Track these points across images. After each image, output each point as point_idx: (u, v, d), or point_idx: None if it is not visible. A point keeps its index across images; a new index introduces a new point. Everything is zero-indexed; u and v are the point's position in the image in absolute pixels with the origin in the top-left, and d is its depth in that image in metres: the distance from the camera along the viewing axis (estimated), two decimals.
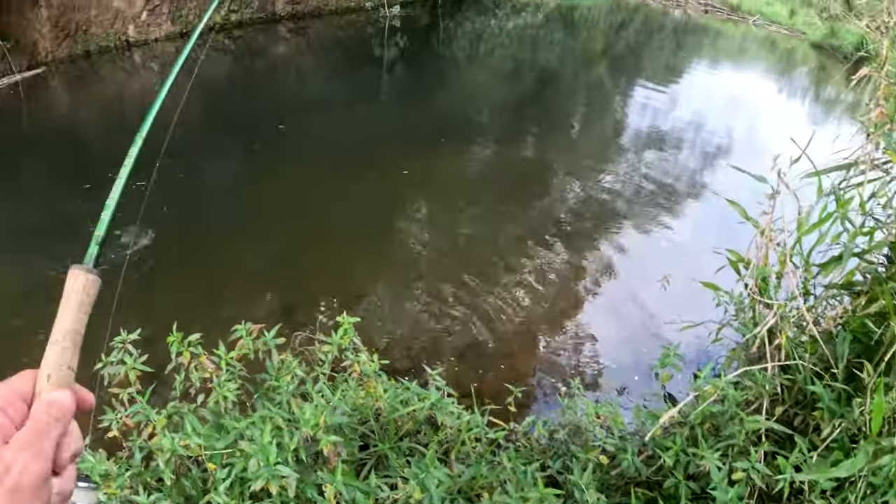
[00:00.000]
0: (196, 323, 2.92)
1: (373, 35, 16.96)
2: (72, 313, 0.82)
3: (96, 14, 18.87)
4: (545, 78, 12.68)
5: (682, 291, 4.65)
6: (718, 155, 8.13)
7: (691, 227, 6.34)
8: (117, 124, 12.28)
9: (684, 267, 5.22)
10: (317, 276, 5.60)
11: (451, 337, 4.65)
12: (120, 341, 2.65)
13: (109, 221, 1.05)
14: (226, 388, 2.50)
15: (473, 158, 8.01)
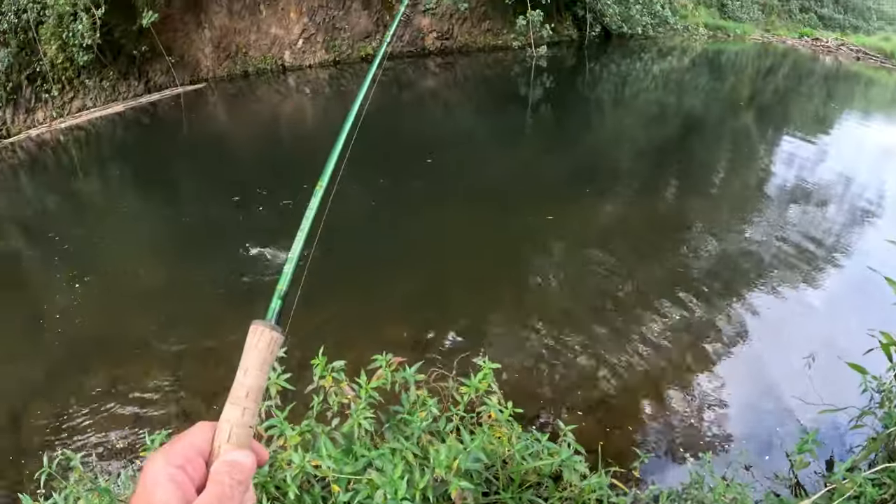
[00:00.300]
0: (332, 344, 2.91)
1: (519, 74, 16.94)
2: (255, 371, 0.80)
3: (255, 38, 20.04)
4: (689, 124, 12.25)
5: (820, 367, 4.25)
6: (869, 217, 7.42)
7: (834, 298, 5.76)
8: (268, 143, 12.72)
9: (823, 341, 4.81)
10: (452, 312, 5.55)
11: (580, 390, 4.52)
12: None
13: (292, 274, 0.98)
14: (362, 415, 2.51)
15: (614, 207, 7.80)
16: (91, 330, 5.74)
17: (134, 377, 4.86)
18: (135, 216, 8.69)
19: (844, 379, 3.68)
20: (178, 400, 4.53)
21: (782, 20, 35.64)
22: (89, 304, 6.20)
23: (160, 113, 17.44)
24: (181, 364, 4.95)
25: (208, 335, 5.32)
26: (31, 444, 4.33)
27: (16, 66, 18.99)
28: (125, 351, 5.26)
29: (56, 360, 5.32)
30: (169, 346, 5.25)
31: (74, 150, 15.40)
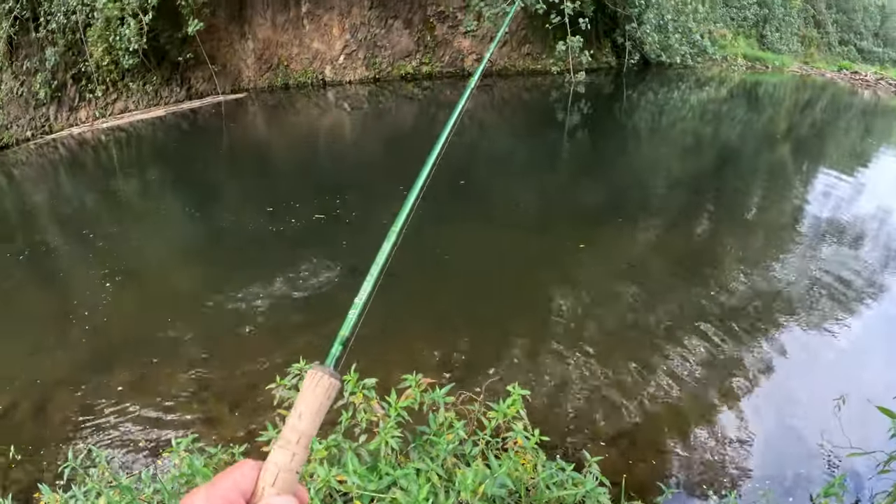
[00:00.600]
0: (361, 361, 2.80)
1: (557, 99, 16.99)
2: (309, 417, 0.78)
3: (297, 52, 20.33)
4: (725, 155, 12.10)
5: (848, 410, 4.09)
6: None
7: (865, 338, 5.64)
8: (305, 156, 12.85)
9: (852, 383, 4.67)
10: (481, 335, 5.52)
11: (605, 420, 4.47)
12: (297, 369, 2.75)
13: (356, 321, 0.95)
14: (390, 434, 2.51)
15: (646, 237, 7.73)
16: (119, 328, 5.81)
17: (159, 378, 4.91)
18: (169, 219, 8.82)
19: (873, 422, 3.64)
20: (202, 404, 4.56)
21: (821, 53, 35.33)
22: (119, 303, 6.27)
23: (200, 119, 17.73)
24: (206, 369, 4.97)
25: (235, 343, 5.36)
26: (52, 435, 4.37)
27: (62, 64, 19.46)
28: (151, 352, 5.30)
29: (82, 355, 5.39)
30: (196, 350, 5.29)
31: (115, 149, 15.70)
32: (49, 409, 4.69)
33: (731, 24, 27.65)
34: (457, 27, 19.48)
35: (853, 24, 39.38)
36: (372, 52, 19.94)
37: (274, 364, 4.79)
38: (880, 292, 6.35)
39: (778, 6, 30.38)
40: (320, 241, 7.39)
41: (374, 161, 11.25)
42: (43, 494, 2.61)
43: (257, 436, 2.67)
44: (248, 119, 17.53)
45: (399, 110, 16.92)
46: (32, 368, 5.26)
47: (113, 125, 18.19)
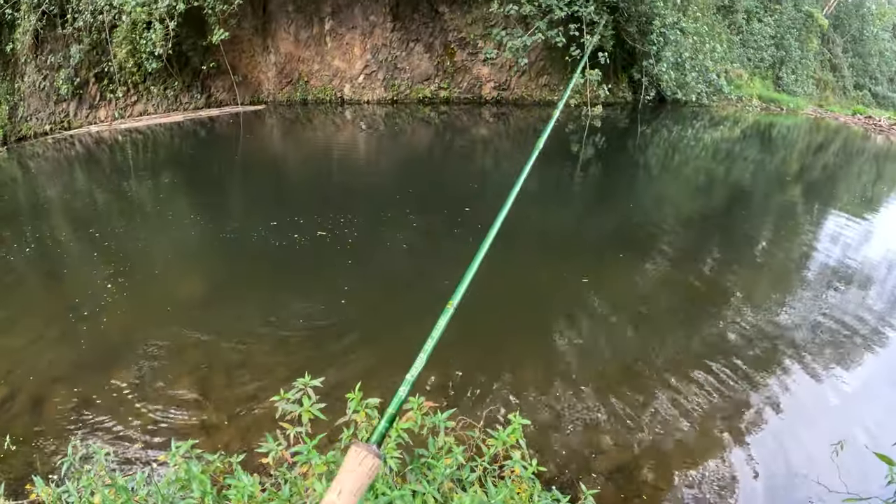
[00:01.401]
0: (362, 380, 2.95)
1: (572, 131, 17.06)
2: (348, 495, 0.76)
3: (318, 69, 20.57)
4: (735, 195, 12.08)
5: (846, 455, 4.21)
6: None
7: (867, 384, 5.62)
8: (316, 172, 12.89)
9: (852, 428, 4.71)
10: (482, 363, 5.46)
11: (602, 454, 4.43)
12: (302, 383, 2.75)
13: (403, 400, 0.90)
14: (390, 453, 2.52)
15: (652, 273, 7.70)
16: (120, 329, 5.80)
17: (158, 382, 4.91)
18: (176, 224, 8.85)
19: (871, 468, 3.68)
20: (201, 411, 4.55)
21: (836, 96, 35.49)
22: (121, 304, 6.28)
23: (218, 128, 17.89)
24: (207, 377, 4.99)
25: (236, 352, 5.37)
26: (48, 430, 4.37)
27: (85, 63, 19.72)
28: (151, 355, 5.31)
29: (82, 353, 5.39)
30: (196, 357, 5.29)
31: (130, 150, 15.81)
32: (46, 403, 4.69)
33: (748, 64, 27.82)
34: (476, 54, 19.67)
35: (869, 69, 39.54)
36: (391, 74, 20.15)
37: (273, 377, 4.84)
38: (885, 339, 6.34)
39: (795, 49, 30.56)
40: (320, 258, 7.42)
41: (384, 183, 11.30)
42: (36, 487, 2.64)
43: (255, 447, 2.71)
44: (265, 131, 17.69)
45: (414, 133, 17.06)
46: (31, 362, 5.27)
47: (131, 126, 18.38)
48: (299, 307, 6.19)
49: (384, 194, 10.18)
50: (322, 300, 6.38)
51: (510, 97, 19.99)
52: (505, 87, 20.09)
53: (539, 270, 7.40)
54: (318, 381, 2.77)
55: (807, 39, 31.54)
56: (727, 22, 26.88)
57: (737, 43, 27.23)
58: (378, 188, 10.84)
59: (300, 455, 2.52)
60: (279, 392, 2.72)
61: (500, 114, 19.08)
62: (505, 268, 7.13)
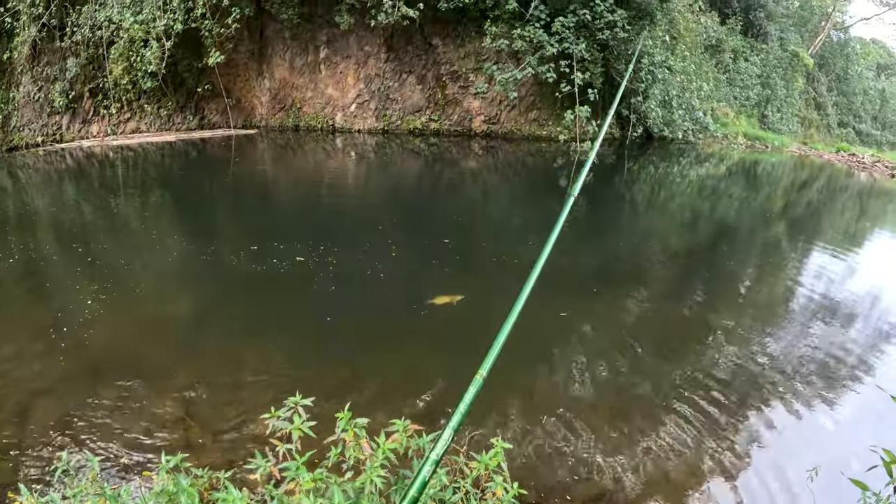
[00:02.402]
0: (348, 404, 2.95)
1: (560, 167, 17.33)
2: None
3: (311, 96, 20.81)
4: (720, 231, 12.25)
5: (823, 483, 4.25)
6: (892, 339, 7.33)
7: (848, 416, 5.72)
8: (303, 198, 12.95)
9: (830, 457, 4.84)
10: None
11: (582, 483, 4.44)
12: (293, 402, 2.81)
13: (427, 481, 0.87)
14: (376, 472, 2.58)
15: (636, 308, 7.73)
16: (103, 346, 5.81)
17: (142, 399, 4.91)
18: (161, 244, 8.88)
19: (848, 495, 3.67)
20: (186, 430, 4.55)
21: (820, 134, 36.19)
22: (104, 321, 6.28)
23: (209, 149, 17.97)
24: (192, 396, 5.00)
25: (221, 372, 5.41)
26: (32, 441, 4.37)
27: (81, 77, 19.87)
28: (135, 373, 5.31)
29: (65, 368, 5.39)
30: (180, 376, 5.30)
31: (121, 167, 15.86)
32: (31, 416, 4.70)
33: (734, 102, 28.37)
34: (468, 87, 19.99)
35: (853, 107, 40.41)
36: (383, 104, 20.40)
37: (257, 398, 4.87)
38: (864, 372, 6.46)
39: (780, 87, 31.23)
40: (295, 283, 7.47)
41: (369, 213, 11.39)
42: (21, 495, 2.67)
43: (239, 465, 2.84)
44: (255, 155, 17.80)
45: (404, 164, 17.24)
46: (13, 375, 5.27)
47: (123, 143, 18.44)
48: (278, 329, 6.26)
49: (367, 224, 10.26)
50: (301, 325, 6.47)
51: (500, 131, 20.29)
52: (495, 121, 20.40)
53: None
54: (308, 401, 2.83)
55: (792, 78, 32.23)
56: (714, 61, 27.45)
57: (723, 81, 27.79)
58: (362, 217, 10.94)
59: (289, 471, 2.57)
60: (264, 412, 2.80)
61: (489, 147, 19.34)
62: (494, 299, 7.21)
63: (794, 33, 33.14)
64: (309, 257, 8.08)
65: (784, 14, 32.77)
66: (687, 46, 24.05)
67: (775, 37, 31.45)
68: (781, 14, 32.38)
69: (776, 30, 31.53)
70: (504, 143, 19.84)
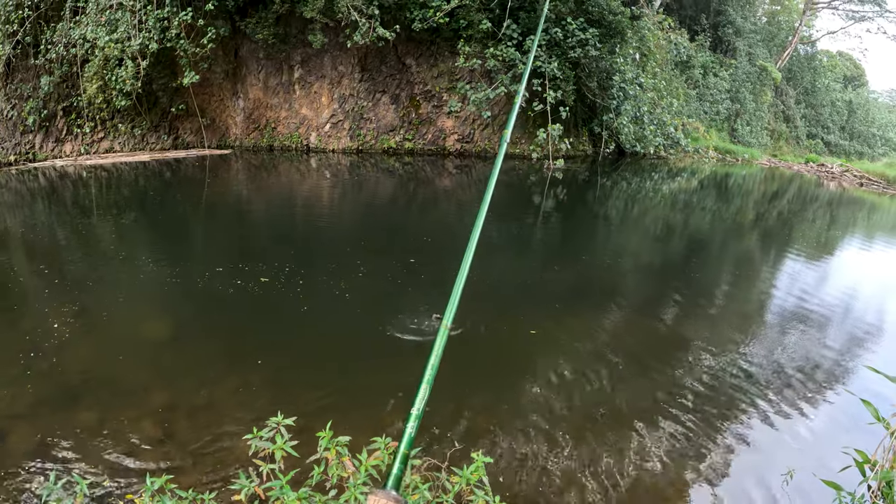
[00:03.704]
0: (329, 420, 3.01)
1: (534, 184, 17.55)
2: None
3: (286, 116, 20.90)
4: (693, 244, 12.41)
5: (798, 485, 4.39)
6: (864, 344, 7.55)
7: (821, 421, 5.85)
8: (275, 219, 12.97)
9: (805, 460, 4.94)
10: (441, 407, 5.47)
11: (561, 496, 4.43)
12: (275, 422, 2.82)
13: (413, 438, 0.92)
14: (359, 490, 2.58)
15: (608, 323, 7.79)
16: (77, 369, 5.77)
17: (120, 423, 4.87)
18: (131, 265, 8.84)
19: (824, 497, 3.80)
20: (165, 454, 4.53)
21: (790, 146, 36.97)
22: (77, 344, 6.24)
23: (183, 170, 17.87)
24: (170, 418, 4.97)
25: (195, 393, 5.41)
26: (7, 464, 4.33)
27: (55, 95, 19.75)
28: (111, 396, 5.29)
29: (40, 393, 5.33)
30: (157, 397, 5.28)
31: (94, 188, 15.70)
32: (6, 440, 4.66)
33: (705, 117, 28.95)
34: (441, 107, 20.19)
35: (821, 119, 41.33)
36: (358, 124, 20.53)
37: (236, 420, 4.88)
38: (836, 378, 6.60)
39: (749, 101, 31.93)
40: (256, 303, 7.47)
41: (339, 233, 11.44)
42: None
43: (219, 486, 2.85)
44: (229, 175, 17.76)
45: (378, 184, 17.32)
46: None
47: (96, 163, 18.30)
48: (251, 349, 6.29)
49: (336, 244, 10.32)
50: (271, 345, 6.48)
51: (473, 149, 20.52)
52: (468, 140, 20.62)
53: (496, 318, 7.47)
54: (290, 420, 2.84)
55: (761, 92, 32.94)
56: (684, 77, 28.00)
57: (693, 97, 28.34)
58: (332, 238, 10.98)
59: (273, 491, 2.58)
60: (243, 432, 2.83)
61: (462, 166, 19.51)
62: (469, 315, 7.22)
63: (762, 48, 33.91)
64: (273, 278, 8.10)
65: (752, 30, 33.54)
66: (657, 63, 24.53)
67: (744, 52, 32.16)
68: (749, 30, 33.14)
69: (744, 45, 32.26)
70: (477, 161, 20.06)
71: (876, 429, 3.59)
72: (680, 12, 29.98)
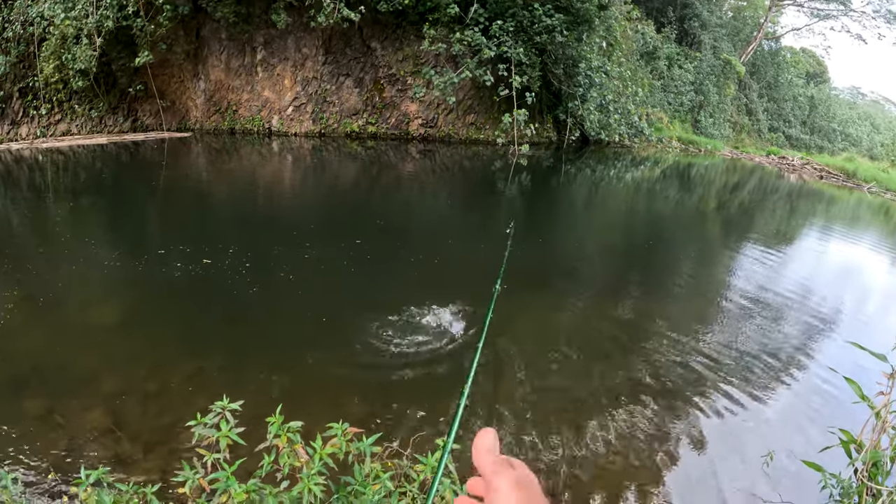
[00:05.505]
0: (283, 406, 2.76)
1: (498, 169, 17.52)
2: None
3: (248, 98, 20.49)
4: (656, 232, 12.49)
5: (779, 467, 4.40)
6: (825, 324, 7.72)
7: (789, 402, 5.90)
8: (231, 203, 12.75)
9: (785, 442, 4.95)
10: (402, 394, 5.43)
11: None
12: (220, 406, 2.63)
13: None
14: (314, 480, 2.42)
15: (569, 307, 7.74)
16: (22, 356, 5.59)
17: (68, 413, 4.72)
18: (79, 250, 8.60)
19: (801, 477, 3.88)
20: (115, 443, 4.39)
21: (752, 138, 37.59)
22: (20, 329, 6.07)
23: (142, 153, 17.47)
24: (121, 406, 4.81)
25: (149, 379, 5.24)
26: None
27: (11, 76, 19.14)
28: (60, 385, 5.12)
29: None
30: (106, 385, 5.12)
31: (50, 172, 15.31)
32: None
33: (669, 108, 29.25)
34: (406, 91, 20.02)
35: (783, 113, 42.08)
36: (320, 107, 20.26)
37: (185, 406, 4.68)
38: (800, 360, 6.67)
39: (713, 94, 32.35)
40: (197, 285, 7.36)
41: (292, 217, 11.30)
42: None
43: (171, 477, 2.63)
44: (189, 159, 17.42)
45: (340, 167, 17.14)
46: None
47: (52, 146, 17.83)
48: (201, 334, 6.19)
49: (287, 227, 10.16)
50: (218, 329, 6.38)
51: (437, 134, 20.40)
52: (432, 125, 20.49)
53: (457, 302, 7.34)
54: (237, 405, 2.64)
55: (724, 85, 33.40)
56: (650, 68, 28.23)
57: (658, 87, 28.60)
58: (284, 221, 10.84)
59: (219, 483, 2.39)
60: (197, 416, 2.60)
61: (426, 150, 19.37)
62: (429, 298, 7.22)
63: (727, 42, 34.37)
64: (216, 260, 7.93)
65: (718, 24, 33.96)
66: (623, 53, 24.68)
67: (709, 45, 32.55)
68: (715, 24, 33.55)
69: (710, 38, 32.65)
70: (441, 146, 19.93)
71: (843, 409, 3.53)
72: (647, 4, 30.22)
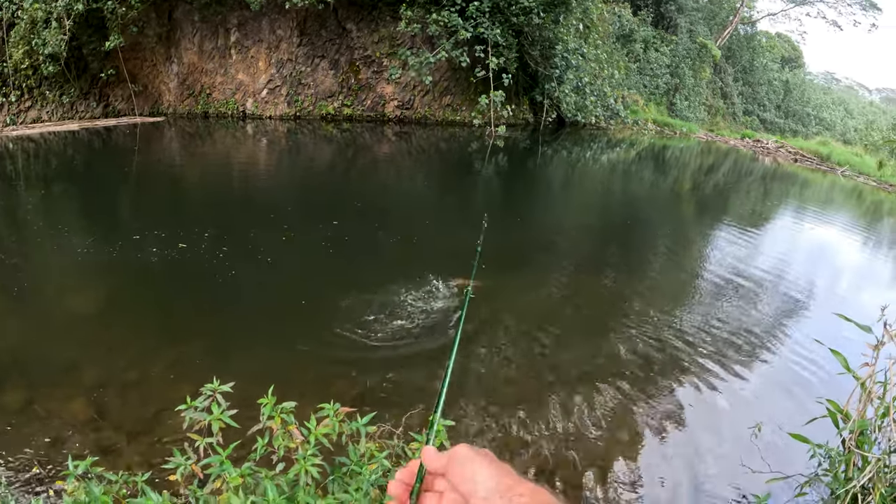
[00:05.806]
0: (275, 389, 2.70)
1: (475, 151, 17.52)
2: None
3: (221, 81, 20.24)
4: (632, 213, 12.55)
5: (767, 439, 4.45)
6: (809, 302, 7.90)
7: (776, 374, 6.00)
8: (205, 188, 12.64)
9: (772, 414, 4.96)
10: (389, 373, 5.38)
11: (520, 458, 4.42)
12: (211, 389, 2.52)
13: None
14: (310, 462, 2.36)
15: (548, 286, 7.74)
16: (4, 347, 5.52)
17: (50, 404, 4.63)
18: (51, 238, 8.46)
19: (788, 449, 3.94)
20: (98, 432, 4.32)
21: (726, 121, 37.95)
22: (1, 321, 6.01)
23: (114, 139, 17.23)
24: (102, 396, 4.73)
25: (130, 368, 5.17)
26: None
27: None
28: (42, 373, 5.03)
29: None
30: (89, 375, 5.05)
31: (21, 160, 15.06)
32: None
33: (644, 90, 29.40)
34: (381, 73, 19.90)
35: (758, 97, 42.52)
36: (295, 90, 20.08)
37: (167, 393, 4.62)
38: (778, 336, 6.75)
39: (689, 77, 32.57)
40: (173, 270, 7.30)
41: (268, 200, 11.25)
42: None
43: (158, 466, 2.59)
44: (162, 144, 17.21)
45: (316, 150, 17.04)
46: None
47: (23, 134, 17.50)
48: (180, 319, 6.13)
49: (264, 210, 10.12)
50: (198, 312, 6.35)
51: (413, 116, 20.32)
52: (408, 107, 20.41)
53: (436, 280, 7.33)
54: (227, 387, 2.55)
55: (700, 68, 33.64)
56: (626, 50, 28.34)
57: (634, 70, 28.73)
58: (260, 204, 10.78)
59: (213, 468, 2.32)
60: (180, 405, 2.52)
61: (402, 132, 19.30)
62: (410, 279, 7.20)
63: (703, 26, 34.58)
64: (192, 245, 7.87)
65: (694, 7, 34.14)
66: (600, 35, 24.72)
67: (685, 29, 32.73)
68: (691, 7, 33.73)
69: (686, 22, 32.83)
70: (418, 128, 19.86)
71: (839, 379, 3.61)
72: None
